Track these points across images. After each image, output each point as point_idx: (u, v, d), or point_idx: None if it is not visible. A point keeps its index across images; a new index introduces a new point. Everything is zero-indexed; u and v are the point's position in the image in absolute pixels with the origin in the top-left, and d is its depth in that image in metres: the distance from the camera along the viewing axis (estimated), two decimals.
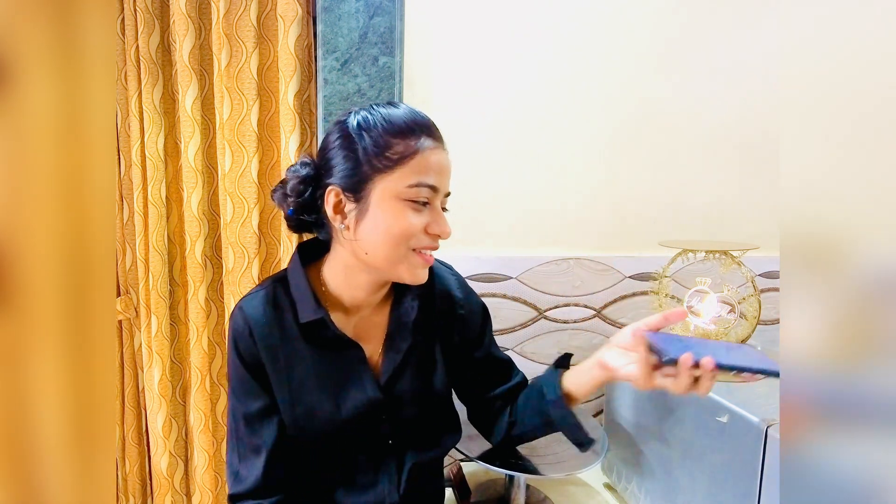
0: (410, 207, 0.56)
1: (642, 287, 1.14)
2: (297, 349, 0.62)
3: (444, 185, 0.58)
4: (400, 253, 0.57)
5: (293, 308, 0.62)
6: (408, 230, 0.56)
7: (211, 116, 1.06)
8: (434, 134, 0.58)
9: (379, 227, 0.56)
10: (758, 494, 0.65)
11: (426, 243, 0.57)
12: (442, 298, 0.69)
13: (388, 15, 0.97)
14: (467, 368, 0.72)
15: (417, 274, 0.58)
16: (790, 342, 0.39)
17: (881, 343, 0.35)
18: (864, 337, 0.35)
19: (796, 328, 0.39)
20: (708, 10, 1.10)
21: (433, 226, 0.57)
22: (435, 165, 0.57)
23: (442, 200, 0.60)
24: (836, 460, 0.36)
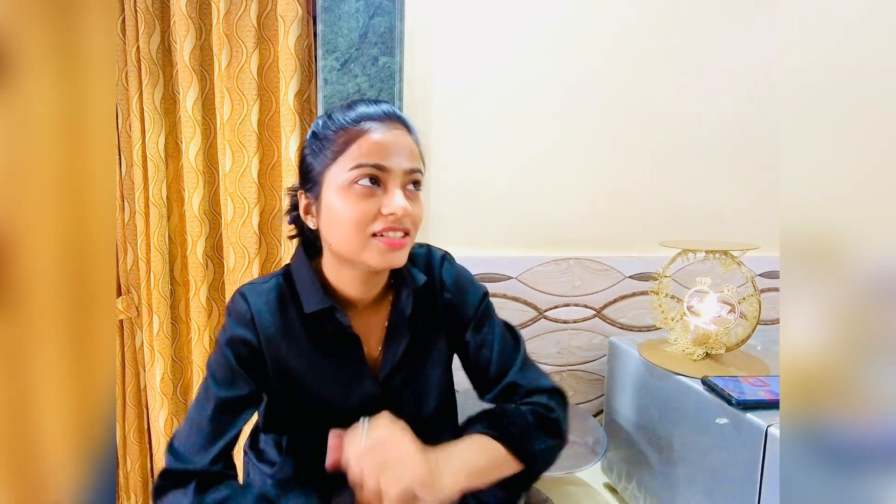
0: (358, 193, 0.55)
1: (642, 287, 1.14)
2: (297, 343, 0.62)
3: (396, 162, 0.56)
4: (360, 240, 0.56)
5: (296, 302, 0.62)
6: (358, 216, 0.55)
7: (211, 116, 1.06)
8: (381, 117, 0.58)
9: (334, 218, 0.57)
10: (758, 494, 0.65)
11: (382, 226, 0.55)
12: (432, 287, 0.68)
13: (388, 15, 0.97)
14: (463, 354, 0.70)
15: (384, 259, 0.56)
16: (790, 342, 0.39)
17: (881, 343, 0.35)
18: (864, 337, 0.35)
19: (796, 328, 0.39)
20: (708, 11, 1.10)
21: (385, 205, 0.55)
22: (381, 145, 0.55)
23: (404, 179, 0.57)
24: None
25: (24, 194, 0.33)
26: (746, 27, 1.13)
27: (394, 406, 0.65)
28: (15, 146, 0.33)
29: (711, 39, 1.12)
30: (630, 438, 0.93)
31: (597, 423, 0.95)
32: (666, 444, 0.84)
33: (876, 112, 0.36)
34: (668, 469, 0.83)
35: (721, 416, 0.71)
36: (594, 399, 1.17)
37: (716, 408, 0.72)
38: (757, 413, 0.66)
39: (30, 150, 0.33)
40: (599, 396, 1.16)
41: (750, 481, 0.66)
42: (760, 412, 0.66)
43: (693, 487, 0.77)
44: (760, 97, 1.15)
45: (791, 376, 0.39)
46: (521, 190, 1.10)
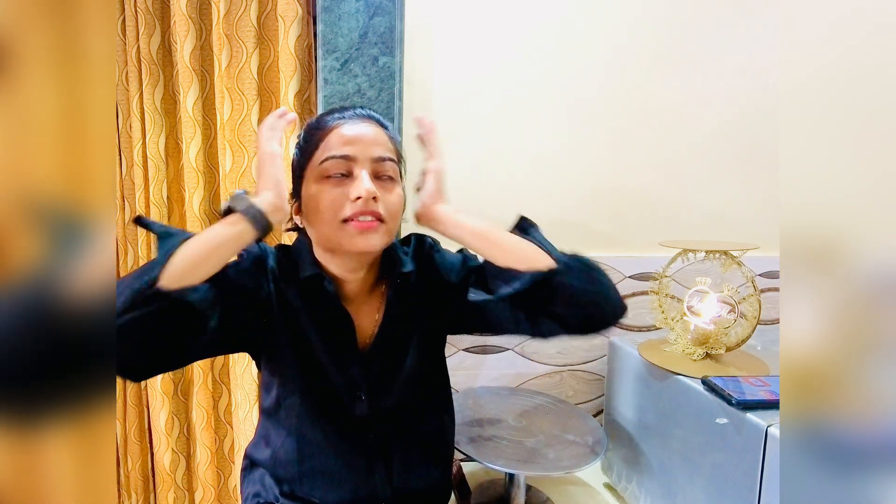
0: (329, 184, 0.59)
1: (642, 287, 1.14)
2: (295, 303, 0.65)
3: (363, 152, 0.60)
4: (333, 227, 0.59)
5: (295, 269, 0.65)
6: (328, 203, 0.59)
7: (212, 117, 1.06)
8: (351, 116, 0.62)
9: (310, 210, 0.61)
10: (758, 494, 0.65)
11: (351, 211, 0.58)
12: (427, 275, 0.70)
13: (388, 15, 0.97)
14: (459, 317, 0.69)
15: (356, 243, 0.59)
16: (790, 342, 0.39)
17: (881, 343, 0.35)
18: (864, 337, 0.35)
19: (796, 328, 0.39)
20: (708, 10, 1.10)
21: (352, 191, 0.58)
22: (346, 136, 0.60)
23: (373, 167, 0.60)
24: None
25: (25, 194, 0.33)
26: (747, 27, 1.12)
27: (372, 392, 0.67)
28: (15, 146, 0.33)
29: (712, 39, 1.12)
30: (630, 438, 0.93)
31: (597, 423, 0.95)
32: (666, 444, 0.84)
33: (876, 112, 0.36)
34: (668, 469, 0.83)
35: (721, 416, 0.71)
36: (594, 399, 1.17)
37: (716, 408, 0.72)
38: (757, 413, 0.66)
39: (30, 149, 0.33)
40: (599, 396, 1.16)
41: (750, 481, 0.66)
42: (760, 412, 0.66)
43: (693, 487, 0.78)
44: (761, 97, 1.15)
45: (791, 376, 0.39)
46: (521, 190, 1.10)
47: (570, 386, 1.16)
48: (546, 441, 0.88)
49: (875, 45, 0.36)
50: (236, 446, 1.12)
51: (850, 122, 0.37)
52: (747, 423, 0.66)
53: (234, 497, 1.19)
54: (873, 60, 0.36)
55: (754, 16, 1.12)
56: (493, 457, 0.82)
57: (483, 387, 1.10)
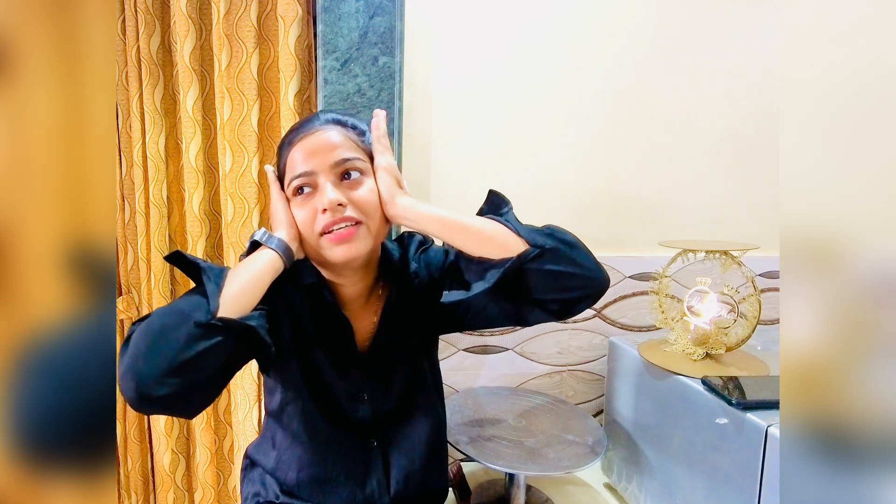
0: (300, 202, 0.61)
1: (642, 287, 1.14)
2: (301, 308, 0.66)
3: (320, 163, 0.59)
4: (314, 242, 0.60)
5: (299, 275, 0.65)
6: (303, 221, 0.60)
7: (212, 117, 1.06)
8: (307, 129, 0.61)
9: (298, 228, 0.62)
10: (758, 494, 0.65)
11: (323, 223, 0.59)
12: (419, 277, 0.70)
13: (388, 15, 0.97)
14: (446, 315, 0.70)
15: (337, 254, 0.59)
16: (790, 342, 0.39)
17: (881, 343, 0.35)
18: (864, 337, 0.35)
19: (796, 328, 0.39)
20: (708, 10, 1.10)
21: (317, 204, 0.59)
22: (305, 152, 0.60)
23: (334, 172, 0.60)
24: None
25: (25, 194, 0.33)
26: (747, 27, 1.12)
27: (374, 393, 0.68)
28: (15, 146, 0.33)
29: (712, 39, 1.12)
30: (630, 438, 0.93)
31: (597, 423, 0.95)
32: (666, 444, 0.84)
33: (876, 112, 0.36)
34: (668, 469, 0.83)
35: (721, 416, 0.71)
36: (594, 399, 1.17)
37: (716, 408, 0.72)
38: (757, 413, 0.66)
39: (30, 149, 0.33)
40: (599, 396, 1.16)
41: (750, 481, 0.66)
42: (760, 412, 0.66)
43: (693, 487, 0.78)
44: (761, 97, 1.15)
45: (791, 376, 0.39)
46: (521, 190, 1.10)
47: (570, 386, 1.16)
48: (546, 441, 0.88)
49: (875, 46, 0.36)
50: (236, 447, 1.12)
51: (849, 123, 0.37)
52: (747, 423, 0.66)
53: (233, 497, 1.19)
54: (873, 61, 0.36)
55: (754, 16, 1.12)
56: (493, 457, 0.82)
57: (483, 387, 1.10)
